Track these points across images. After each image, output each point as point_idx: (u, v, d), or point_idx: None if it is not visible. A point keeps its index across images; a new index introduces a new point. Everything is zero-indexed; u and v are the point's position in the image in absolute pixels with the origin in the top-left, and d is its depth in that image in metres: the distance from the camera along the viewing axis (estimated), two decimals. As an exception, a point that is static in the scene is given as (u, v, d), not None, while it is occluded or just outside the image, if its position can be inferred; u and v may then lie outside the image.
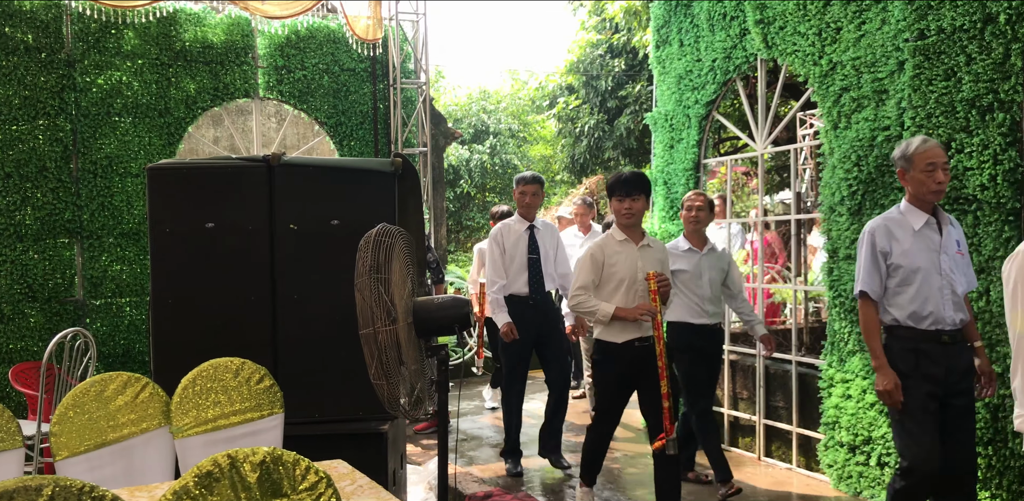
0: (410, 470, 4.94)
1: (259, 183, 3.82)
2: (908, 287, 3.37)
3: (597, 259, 4.03)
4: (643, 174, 4.10)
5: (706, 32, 5.86)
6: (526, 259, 5.15)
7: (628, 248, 4.05)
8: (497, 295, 5.13)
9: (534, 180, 5.23)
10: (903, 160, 3.41)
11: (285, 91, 7.31)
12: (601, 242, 4.11)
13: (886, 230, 3.42)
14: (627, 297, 3.99)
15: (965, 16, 3.90)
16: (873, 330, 3.43)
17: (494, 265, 5.18)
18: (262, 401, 2.95)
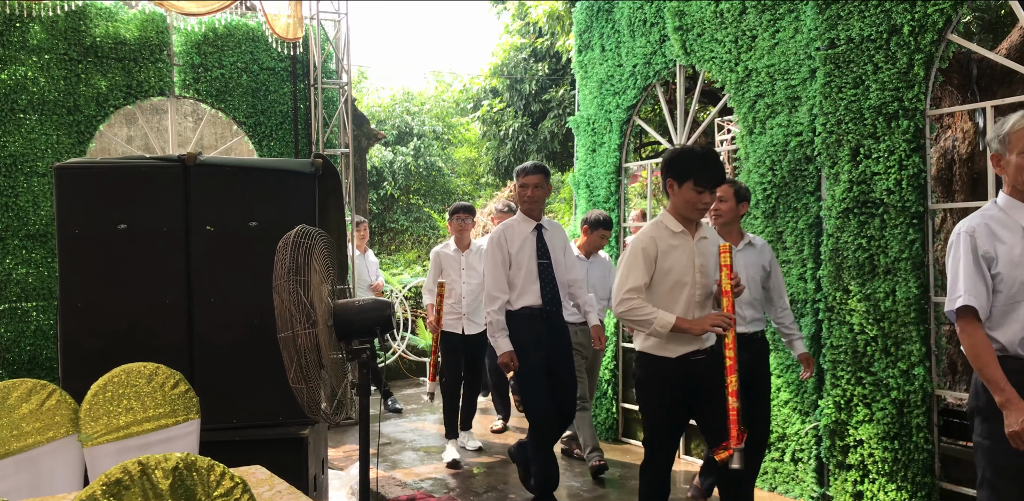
0: (332, 475, 4.87)
1: (174, 183, 3.72)
2: (1019, 305, 2.60)
3: (650, 254, 3.27)
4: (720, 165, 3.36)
5: (627, 38, 5.95)
6: (535, 265, 4.36)
7: (685, 241, 3.31)
8: (499, 315, 4.29)
9: (536, 170, 4.41)
10: (998, 142, 2.69)
11: (202, 90, 7.13)
12: (652, 233, 3.31)
13: (987, 230, 2.65)
14: (686, 303, 3.29)
15: (872, 27, 4.06)
16: (987, 356, 2.58)
17: (495, 275, 4.32)
18: (177, 407, 2.87)
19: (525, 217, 4.46)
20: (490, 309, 4.29)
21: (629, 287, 3.23)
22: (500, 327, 4.25)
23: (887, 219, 4.01)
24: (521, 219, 4.46)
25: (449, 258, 5.88)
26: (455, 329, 5.82)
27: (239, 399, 3.69)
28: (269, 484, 2.35)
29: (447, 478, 5.21)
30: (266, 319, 3.10)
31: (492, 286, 4.31)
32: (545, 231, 4.47)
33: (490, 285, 4.32)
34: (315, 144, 7.31)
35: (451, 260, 5.88)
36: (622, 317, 3.25)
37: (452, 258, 5.88)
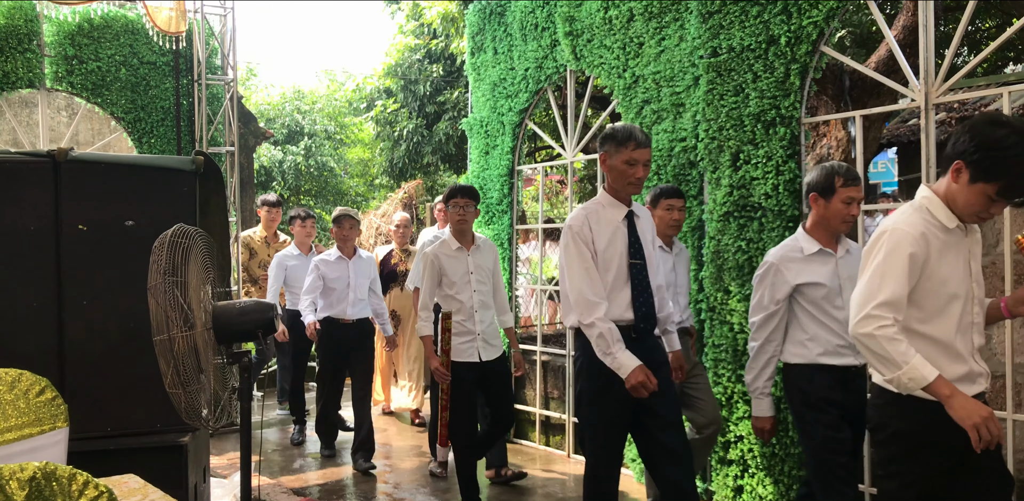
0: (215, 483, 4.70)
1: (43, 180, 3.53)
2: None
3: (917, 258, 2.38)
4: None
5: (519, 41, 6.00)
6: (627, 266, 3.29)
7: (959, 240, 2.48)
8: (607, 323, 3.16)
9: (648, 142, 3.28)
10: None
11: (76, 83, 6.80)
12: (920, 226, 2.41)
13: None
14: (958, 326, 2.44)
15: (752, 37, 4.22)
16: None
17: (588, 275, 3.23)
18: (43, 415, 2.71)
19: (613, 200, 3.33)
20: (592, 319, 3.14)
21: (883, 299, 2.34)
22: (616, 338, 3.12)
23: (765, 222, 4.17)
24: (608, 202, 3.33)
25: (452, 260, 4.50)
26: (469, 357, 4.43)
27: (113, 406, 3.53)
28: (142, 493, 2.25)
29: (335, 484, 5.12)
30: (142, 322, 2.97)
31: (587, 290, 3.20)
32: (638, 219, 3.37)
33: (583, 289, 3.20)
34: (199, 142, 7.08)
35: (455, 262, 4.51)
36: (861, 341, 2.37)
37: (455, 259, 4.51)
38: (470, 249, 4.54)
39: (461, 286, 4.47)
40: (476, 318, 4.47)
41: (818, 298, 3.16)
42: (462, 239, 4.53)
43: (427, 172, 15.64)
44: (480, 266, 4.56)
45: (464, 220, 4.48)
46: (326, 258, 5.56)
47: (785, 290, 3.19)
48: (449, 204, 4.52)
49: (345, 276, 5.51)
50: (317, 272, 5.50)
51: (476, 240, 4.59)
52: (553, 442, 5.79)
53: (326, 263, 5.52)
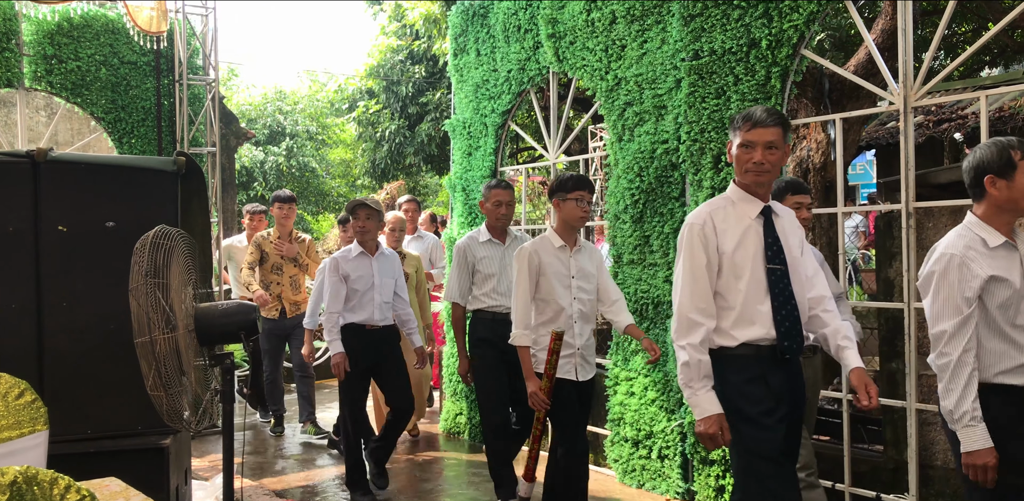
0: (196, 486, 4.68)
1: (22, 181, 3.50)
2: None
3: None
4: None
5: (502, 43, 6.01)
6: (763, 272, 2.74)
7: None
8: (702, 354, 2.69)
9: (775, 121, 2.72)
10: None
11: (56, 82, 6.74)
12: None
13: None
14: None
15: (733, 40, 4.25)
16: None
17: (698, 284, 2.72)
18: (22, 418, 2.69)
19: (745, 194, 2.80)
20: (685, 341, 2.67)
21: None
22: (704, 374, 2.66)
23: (746, 224, 4.20)
24: (738, 197, 2.80)
25: (553, 260, 3.79)
26: (565, 374, 3.77)
27: (94, 409, 3.50)
28: (124, 496, 2.24)
29: (317, 486, 5.10)
30: (123, 324, 2.96)
31: (688, 304, 2.69)
32: (777, 217, 2.84)
33: (684, 302, 2.70)
34: (180, 142, 7.04)
35: (556, 263, 3.79)
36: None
37: (557, 260, 3.79)
38: (573, 249, 3.81)
39: (561, 292, 3.73)
40: (575, 330, 3.75)
41: (1003, 300, 2.56)
42: (567, 237, 3.80)
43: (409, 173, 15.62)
44: (583, 270, 3.80)
45: (585, 217, 3.73)
46: (345, 255, 4.80)
47: (976, 287, 2.55)
48: (569, 197, 3.71)
49: (368, 275, 4.78)
50: (337, 273, 4.73)
51: (579, 240, 3.87)
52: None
53: (346, 261, 4.76)
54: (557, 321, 3.74)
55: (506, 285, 4.39)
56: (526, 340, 3.70)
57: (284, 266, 6.19)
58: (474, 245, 4.50)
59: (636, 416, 4.79)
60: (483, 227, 4.58)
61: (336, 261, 4.78)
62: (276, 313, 6.20)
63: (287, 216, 6.27)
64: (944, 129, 8.64)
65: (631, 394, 4.84)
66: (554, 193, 3.80)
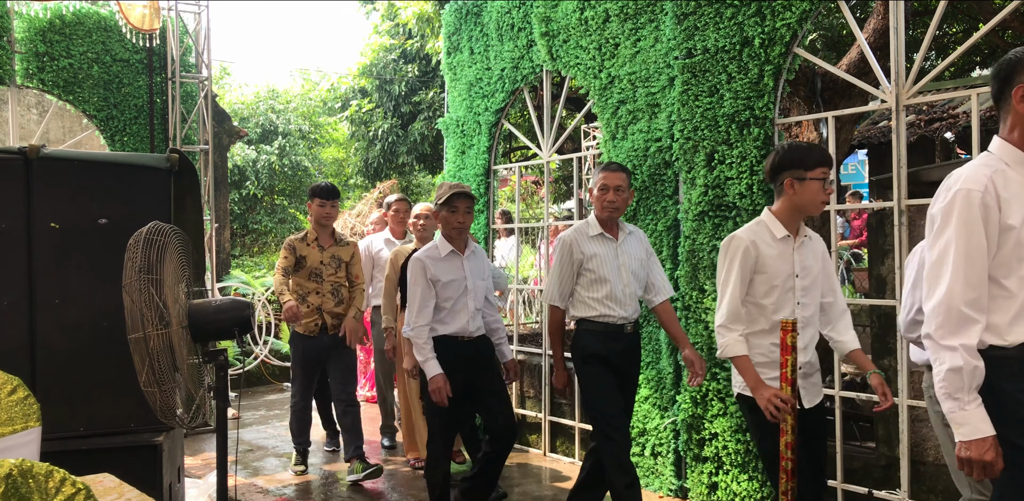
0: (189, 483, 4.67)
1: (14, 177, 3.49)
2: None
3: None
4: None
5: (495, 41, 6.01)
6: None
7: None
8: (975, 359, 2.14)
9: None
10: None
11: (48, 80, 6.72)
12: None
13: None
14: None
15: (726, 38, 4.26)
16: None
17: (969, 270, 2.15)
18: (14, 414, 2.68)
19: None
20: (956, 341, 2.12)
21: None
22: (975, 384, 2.13)
23: (739, 222, 4.21)
24: (1015, 159, 2.20)
25: (776, 255, 3.00)
26: None
27: (86, 406, 3.49)
28: (118, 492, 2.24)
29: (310, 484, 5.10)
30: (116, 321, 2.95)
31: (961, 293, 2.14)
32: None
33: (955, 290, 2.14)
34: (172, 140, 7.02)
35: (780, 261, 3.01)
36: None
37: (781, 256, 3.01)
38: (798, 240, 3.02)
39: (781, 294, 2.96)
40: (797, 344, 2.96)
41: None
42: (791, 225, 3.00)
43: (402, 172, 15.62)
44: (808, 268, 3.01)
45: (826, 203, 2.96)
46: (431, 254, 4.02)
47: None
48: (810, 175, 2.87)
49: (461, 279, 4.02)
50: (425, 277, 3.95)
51: (804, 229, 3.07)
52: (530, 441, 5.81)
53: (435, 262, 3.99)
54: (773, 333, 2.94)
55: (621, 289, 3.71)
56: (741, 347, 2.90)
57: (324, 272, 5.08)
58: (582, 240, 3.74)
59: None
60: (592, 218, 3.82)
61: (422, 263, 3.97)
62: (315, 329, 5.04)
63: (329, 216, 5.15)
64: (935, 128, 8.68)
65: (624, 392, 4.84)
66: (784, 169, 2.90)
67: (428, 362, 3.88)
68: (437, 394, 3.83)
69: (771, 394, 2.78)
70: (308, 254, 5.07)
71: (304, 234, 5.17)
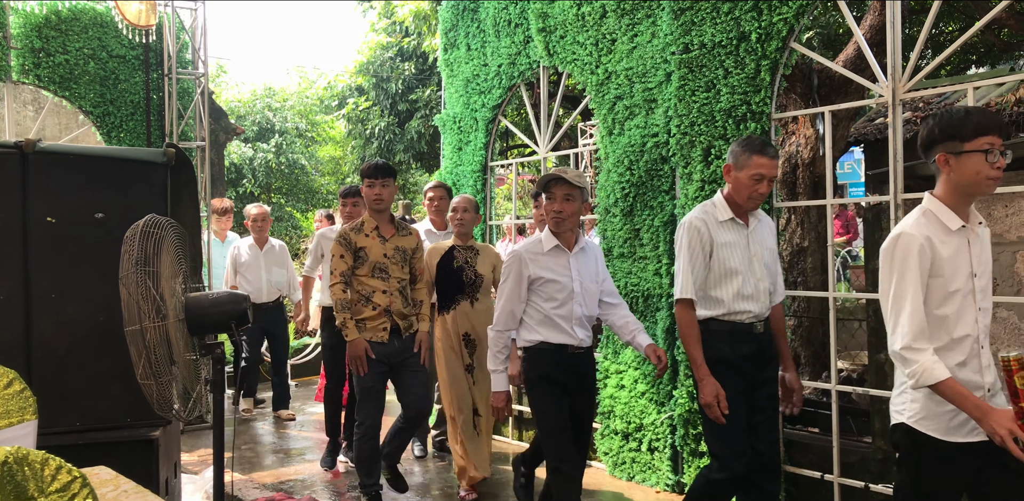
0: (186, 479, 4.66)
1: (10, 172, 3.49)
2: None
3: None
4: None
5: (492, 37, 6.01)
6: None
7: None
8: None
9: None
10: None
11: (44, 76, 6.70)
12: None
13: None
14: None
15: (723, 33, 4.26)
16: None
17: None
18: (11, 407, 2.68)
19: None
20: None
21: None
22: None
23: (736, 217, 4.21)
24: None
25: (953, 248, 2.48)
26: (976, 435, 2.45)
27: (83, 400, 3.50)
28: (114, 484, 2.24)
29: (308, 479, 5.09)
30: (113, 316, 2.95)
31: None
32: None
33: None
34: (169, 136, 7.01)
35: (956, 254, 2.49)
36: None
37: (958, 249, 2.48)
38: (974, 229, 2.48)
39: (963, 296, 2.42)
40: (982, 360, 2.45)
41: None
42: (961, 210, 2.45)
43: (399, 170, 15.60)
44: (984, 264, 2.50)
45: (998, 179, 2.41)
46: (533, 249, 3.49)
47: None
48: (967, 147, 2.35)
49: (568, 279, 3.47)
50: (521, 274, 3.46)
51: (975, 214, 2.52)
52: (526, 438, 5.81)
53: (536, 258, 3.47)
54: (960, 347, 2.41)
55: (753, 285, 3.26)
56: (942, 370, 2.30)
57: (390, 267, 4.26)
58: (712, 224, 3.24)
59: (626, 409, 4.80)
60: (718, 199, 3.31)
61: (521, 257, 3.45)
62: (384, 334, 4.21)
63: (380, 197, 4.28)
64: (932, 126, 8.67)
65: (621, 387, 4.85)
66: (938, 143, 2.40)
67: (495, 374, 3.55)
68: (498, 414, 3.60)
69: (1010, 422, 2.19)
70: (369, 246, 4.23)
71: (360, 222, 4.32)
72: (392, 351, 4.22)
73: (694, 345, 3.20)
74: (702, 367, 3.15)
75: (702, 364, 3.15)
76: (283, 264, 6.91)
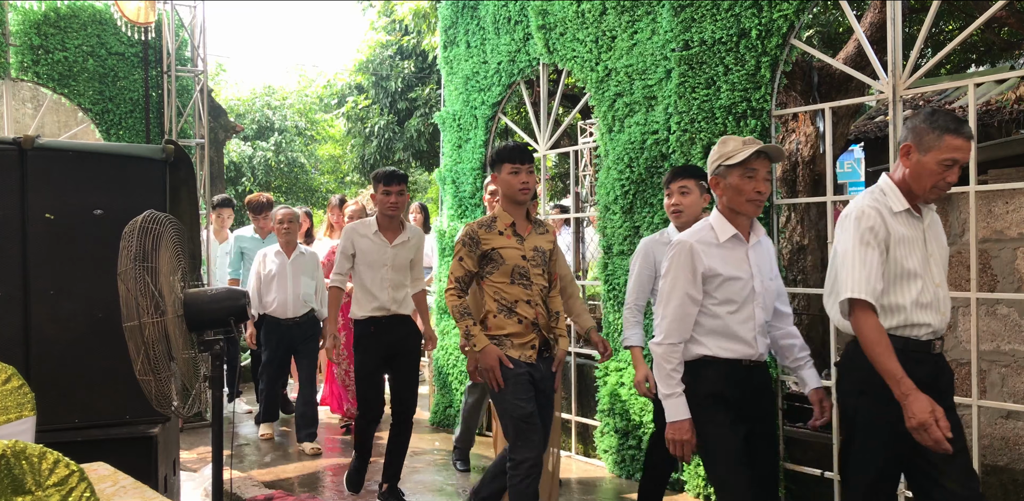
0: (185, 477, 4.66)
1: (9, 168, 3.47)
2: None
3: None
4: None
5: (492, 35, 6.00)
6: None
7: None
8: None
9: None
10: None
11: (43, 73, 6.69)
12: None
13: None
14: None
15: (723, 30, 4.25)
16: None
17: None
18: (8, 403, 2.67)
19: None
20: None
21: None
22: None
23: (736, 214, 4.21)
24: None
25: None
26: None
27: (81, 397, 3.49)
28: (112, 480, 2.23)
29: (307, 477, 5.09)
30: (111, 312, 2.94)
31: None
32: None
33: None
34: (168, 134, 7.00)
35: None
36: None
37: None
38: None
39: None
40: None
41: None
42: None
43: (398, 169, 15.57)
44: None
45: None
46: (704, 239, 2.82)
47: None
48: None
49: (747, 277, 2.85)
50: (690, 269, 2.78)
51: None
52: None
53: (708, 248, 2.81)
54: None
55: (932, 292, 2.67)
56: None
57: (531, 272, 3.48)
58: (887, 214, 2.63)
59: (625, 407, 4.79)
60: (888, 185, 2.70)
61: (692, 248, 2.77)
62: (533, 353, 3.45)
63: (526, 185, 3.53)
64: (932, 124, 8.68)
65: (621, 384, 4.84)
66: None
67: (671, 399, 2.74)
68: (676, 448, 2.77)
69: None
70: (504, 247, 3.48)
71: (492, 219, 3.56)
72: (541, 375, 3.47)
73: (888, 355, 2.49)
74: (904, 381, 2.44)
75: (903, 377, 2.45)
76: (312, 273, 5.90)
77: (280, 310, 5.76)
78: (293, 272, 5.78)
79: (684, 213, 3.50)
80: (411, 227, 4.60)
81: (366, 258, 4.43)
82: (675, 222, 3.58)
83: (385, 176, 4.40)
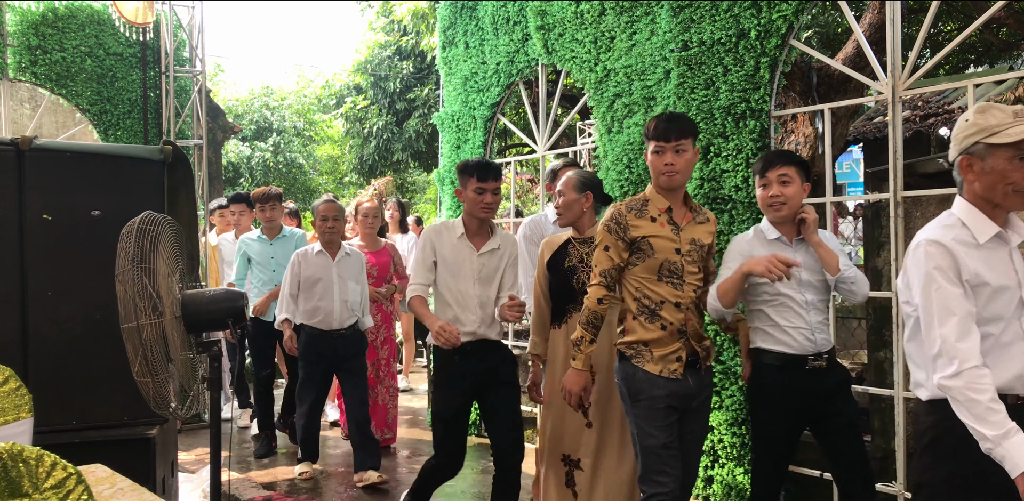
0: (183, 479, 4.65)
1: (6, 169, 3.47)
2: None
3: None
4: None
5: (490, 35, 5.99)
6: None
7: None
8: None
9: None
10: None
11: (40, 73, 6.68)
12: None
13: None
14: None
15: (722, 30, 4.25)
16: None
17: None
18: (6, 405, 2.66)
19: None
20: None
21: None
22: None
23: (735, 214, 4.21)
24: None
25: None
26: None
27: (79, 398, 3.48)
28: (110, 482, 2.22)
29: (305, 480, 5.07)
30: (109, 314, 2.93)
31: None
32: None
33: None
34: (166, 134, 7.00)
35: None
36: None
37: None
38: None
39: None
40: None
41: None
42: None
43: (397, 169, 15.60)
44: None
45: None
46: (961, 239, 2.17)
47: None
48: None
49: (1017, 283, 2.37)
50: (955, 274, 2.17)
51: None
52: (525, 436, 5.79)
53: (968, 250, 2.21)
54: None
55: None
56: None
57: (685, 269, 2.99)
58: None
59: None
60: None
61: (951, 251, 2.14)
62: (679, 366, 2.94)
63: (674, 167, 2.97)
64: (931, 124, 8.70)
65: (620, 386, 4.83)
66: None
67: (1009, 440, 1.95)
68: None
69: None
70: (656, 236, 2.95)
71: (643, 201, 3.01)
72: (687, 392, 2.94)
73: None
74: None
75: None
76: (358, 277, 5.06)
77: (325, 321, 4.85)
78: (339, 276, 4.92)
79: (786, 206, 2.96)
80: (503, 233, 3.76)
81: (448, 268, 3.59)
82: (772, 216, 3.01)
83: (479, 169, 3.49)
